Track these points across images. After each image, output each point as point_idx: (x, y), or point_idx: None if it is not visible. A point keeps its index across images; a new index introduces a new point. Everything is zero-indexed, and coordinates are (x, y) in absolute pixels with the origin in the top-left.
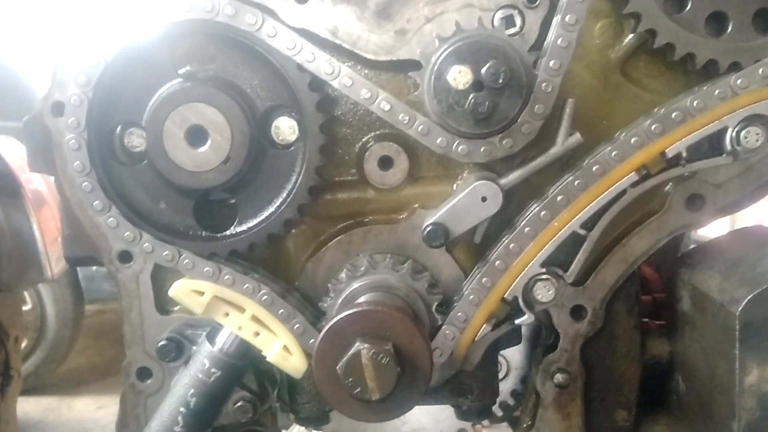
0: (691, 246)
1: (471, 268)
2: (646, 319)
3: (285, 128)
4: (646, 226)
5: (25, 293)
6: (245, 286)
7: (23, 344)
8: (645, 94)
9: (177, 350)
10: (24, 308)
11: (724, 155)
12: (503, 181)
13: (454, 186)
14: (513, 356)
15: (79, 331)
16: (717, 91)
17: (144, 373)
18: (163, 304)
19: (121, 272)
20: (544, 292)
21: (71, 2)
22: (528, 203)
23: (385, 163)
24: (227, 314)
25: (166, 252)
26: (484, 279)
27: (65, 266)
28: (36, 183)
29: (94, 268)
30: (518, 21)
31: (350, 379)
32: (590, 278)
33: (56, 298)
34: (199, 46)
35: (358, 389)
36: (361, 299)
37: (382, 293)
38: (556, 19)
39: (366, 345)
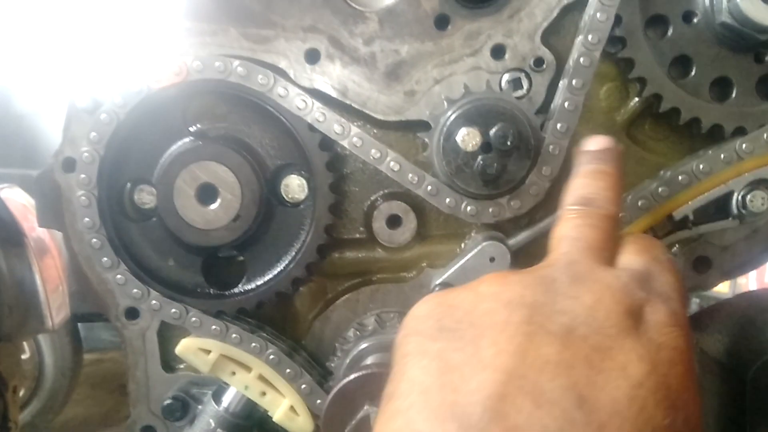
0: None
1: None
2: None
3: (294, 186)
4: None
5: (24, 342)
6: (252, 345)
7: (21, 394)
8: (650, 157)
9: (182, 409)
10: (22, 357)
11: (730, 218)
12: (511, 241)
13: (462, 245)
14: None
15: (77, 380)
16: (722, 156)
17: None
18: (169, 362)
19: (127, 329)
20: None
21: (80, 54)
22: (536, 264)
23: (394, 221)
24: (234, 373)
25: (174, 310)
26: None
27: (66, 316)
28: (38, 231)
29: None
30: (525, 84)
31: None
32: None
33: (54, 346)
34: (210, 105)
35: None
36: (369, 360)
37: (390, 354)
38: (562, 83)
39: (375, 409)
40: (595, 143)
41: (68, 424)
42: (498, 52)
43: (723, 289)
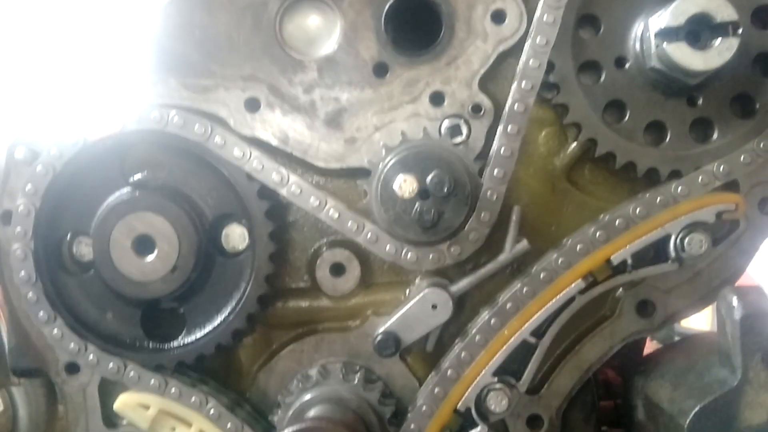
0: (675, 338)
1: (425, 376)
2: (605, 428)
3: (235, 236)
4: (598, 332)
5: None
6: (192, 399)
7: None
8: (591, 201)
9: None
10: None
11: (669, 262)
12: (454, 288)
13: (407, 292)
14: None
15: None
16: (658, 199)
17: None
18: (111, 418)
19: (67, 384)
20: (497, 402)
21: (20, 110)
22: (481, 310)
23: (337, 270)
24: (174, 429)
25: (111, 364)
26: (436, 389)
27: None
28: None
29: None
30: (464, 130)
31: None
32: (545, 387)
33: (29, 399)
34: (149, 155)
35: None
36: (310, 413)
37: (331, 406)
38: (499, 129)
39: None
40: None
41: None
42: (437, 98)
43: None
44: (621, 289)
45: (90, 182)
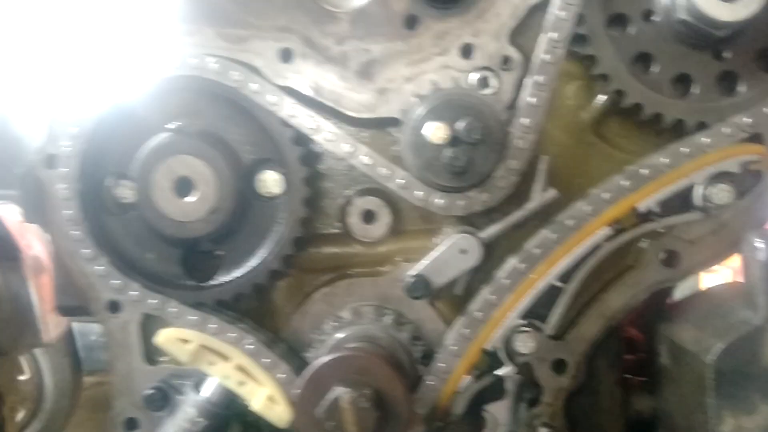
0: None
1: (454, 321)
2: (629, 376)
3: (270, 181)
4: (623, 281)
5: (24, 362)
6: (231, 335)
7: (20, 415)
8: (617, 153)
9: (163, 399)
10: (21, 378)
11: (695, 211)
12: (482, 234)
13: (436, 241)
14: (498, 412)
15: (77, 402)
16: (685, 149)
17: (132, 424)
18: (151, 355)
19: (109, 322)
20: (524, 344)
21: (66, 59)
22: (508, 259)
23: (368, 217)
24: (213, 363)
25: (154, 300)
26: (465, 330)
27: (62, 333)
28: (36, 249)
29: (93, 337)
30: (494, 82)
31: (330, 424)
32: (570, 332)
33: (54, 368)
34: (187, 102)
35: None
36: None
37: (365, 343)
38: (528, 80)
39: (345, 390)
40: None
41: None
42: (466, 51)
43: None
44: (646, 240)
45: (131, 127)
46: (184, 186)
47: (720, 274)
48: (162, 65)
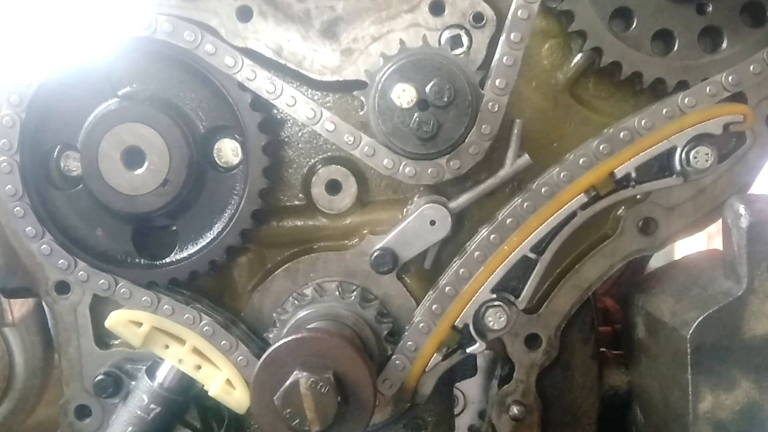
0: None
1: (423, 296)
2: (604, 349)
3: (227, 150)
4: (599, 251)
5: None
6: (185, 317)
7: None
8: (595, 116)
9: (115, 385)
10: None
11: (674, 176)
12: (453, 204)
13: (405, 211)
14: (470, 390)
15: (49, 380)
16: (664, 110)
17: (83, 412)
18: (103, 338)
19: (58, 304)
20: (495, 319)
21: (5, 20)
22: (480, 229)
23: (333, 187)
24: (167, 346)
25: (102, 281)
26: (434, 306)
27: (27, 311)
28: None
29: None
30: (465, 41)
31: (288, 410)
32: (544, 305)
33: (25, 346)
34: (137, 66)
35: (297, 421)
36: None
37: (328, 322)
38: (502, 38)
39: (305, 373)
40: None
41: (41, 425)
42: (437, 7)
43: None
44: (623, 208)
45: (77, 94)
46: (134, 157)
47: (694, 240)
48: (110, 26)
